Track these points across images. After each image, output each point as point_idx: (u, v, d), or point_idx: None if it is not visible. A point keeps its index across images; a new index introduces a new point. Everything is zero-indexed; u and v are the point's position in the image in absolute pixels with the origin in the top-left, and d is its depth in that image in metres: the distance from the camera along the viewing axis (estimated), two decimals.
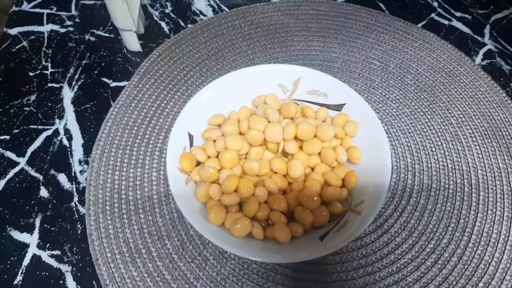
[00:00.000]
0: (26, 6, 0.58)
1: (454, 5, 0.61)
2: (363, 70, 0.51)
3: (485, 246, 0.39)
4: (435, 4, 0.61)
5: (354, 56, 0.53)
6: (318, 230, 0.35)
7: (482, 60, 0.54)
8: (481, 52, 0.55)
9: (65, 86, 0.49)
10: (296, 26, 0.56)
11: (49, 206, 0.41)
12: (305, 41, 0.54)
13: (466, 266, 0.38)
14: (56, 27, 0.55)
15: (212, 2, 0.59)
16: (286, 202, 0.36)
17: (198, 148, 0.38)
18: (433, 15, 0.59)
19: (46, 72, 0.51)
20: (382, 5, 0.60)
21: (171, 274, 0.36)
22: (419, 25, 0.58)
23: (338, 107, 0.41)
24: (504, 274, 0.37)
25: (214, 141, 0.39)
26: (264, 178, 0.37)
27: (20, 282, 0.36)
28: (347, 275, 0.37)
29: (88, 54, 0.52)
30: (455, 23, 0.59)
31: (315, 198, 0.35)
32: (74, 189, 0.42)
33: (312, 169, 0.39)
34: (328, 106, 0.42)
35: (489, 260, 0.38)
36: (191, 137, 0.39)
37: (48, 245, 0.38)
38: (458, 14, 0.60)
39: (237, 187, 0.35)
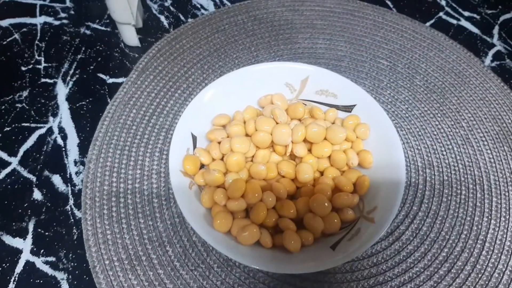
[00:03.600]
0: None
1: (462, 4, 0.59)
2: (371, 69, 0.49)
3: (499, 255, 0.37)
4: (443, 2, 0.59)
5: (361, 55, 0.51)
6: (328, 238, 0.34)
7: (492, 61, 0.53)
8: (490, 53, 0.54)
9: (59, 81, 0.47)
10: (301, 22, 0.54)
11: (43, 210, 0.38)
12: (310, 39, 0.52)
13: (480, 275, 0.36)
14: (49, 19, 0.53)
15: None
16: (295, 208, 0.34)
17: (202, 150, 0.36)
18: (441, 14, 0.58)
19: (39, 66, 0.48)
20: (389, 3, 0.58)
21: (173, 283, 0.34)
22: (427, 24, 0.56)
23: (348, 108, 0.40)
24: None
25: (219, 142, 0.37)
26: (272, 182, 0.35)
27: None
28: (358, 284, 0.35)
29: (83, 48, 0.50)
30: (464, 22, 0.57)
31: (326, 204, 0.33)
32: (70, 192, 0.40)
33: (321, 173, 0.37)
34: (337, 107, 0.40)
35: (503, 269, 0.37)
36: (194, 138, 0.37)
37: (42, 251, 0.36)
38: (466, 13, 0.58)
39: (244, 192, 0.33)
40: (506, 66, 0.52)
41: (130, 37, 0.49)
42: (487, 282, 0.36)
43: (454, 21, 0.57)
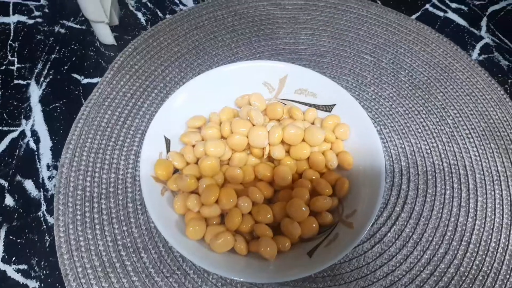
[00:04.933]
0: None
1: None
2: (354, 65, 0.48)
3: (484, 256, 0.37)
4: None
5: (344, 50, 0.49)
6: (306, 244, 0.33)
7: (479, 54, 0.51)
8: (478, 46, 0.52)
9: (33, 83, 0.45)
10: (283, 17, 0.52)
11: (15, 216, 0.37)
12: (292, 34, 0.51)
13: (463, 278, 0.35)
14: (23, 18, 0.51)
15: None
16: (272, 213, 0.33)
17: (175, 153, 0.35)
18: (427, 6, 0.56)
19: (12, 67, 0.47)
20: None
21: None
22: (413, 16, 0.55)
23: (328, 108, 0.38)
24: (503, 286, 0.35)
25: (193, 146, 0.35)
26: (248, 186, 0.34)
27: None
28: None
29: (57, 48, 0.48)
30: (451, 14, 0.56)
31: (303, 209, 0.32)
32: (42, 197, 0.38)
33: (300, 175, 0.36)
34: (317, 107, 0.39)
35: (488, 271, 0.36)
36: (167, 142, 0.36)
37: (13, 258, 0.35)
38: (453, 5, 0.57)
39: (218, 197, 0.32)
40: (494, 60, 0.51)
41: (105, 35, 0.47)
42: (471, 285, 0.35)
43: (441, 13, 0.56)
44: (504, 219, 0.38)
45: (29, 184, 0.39)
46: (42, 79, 0.46)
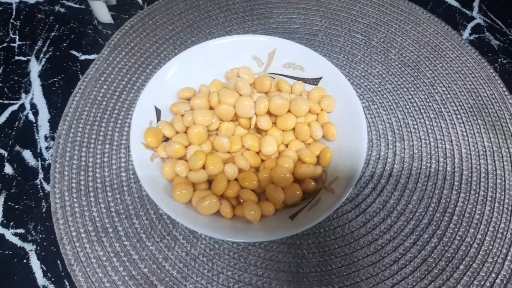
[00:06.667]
0: None
1: None
2: (345, 44, 0.49)
3: (467, 227, 0.37)
4: None
5: (336, 30, 0.50)
6: (291, 209, 0.34)
7: (470, 34, 0.52)
8: (469, 26, 0.53)
9: (33, 59, 0.47)
10: None
11: (14, 183, 0.39)
12: (285, 13, 0.52)
13: (446, 248, 0.36)
14: None
15: None
16: (258, 179, 0.34)
17: (165, 123, 0.36)
18: None
19: (14, 44, 0.48)
20: None
21: (139, 254, 0.35)
22: None
23: (315, 81, 0.39)
24: (486, 257, 0.36)
25: (182, 115, 0.37)
26: (235, 155, 0.35)
27: None
28: (323, 255, 0.36)
29: (57, 26, 0.50)
30: None
31: (287, 176, 0.33)
32: (40, 166, 0.40)
33: (287, 146, 0.37)
34: (305, 80, 0.40)
35: (471, 242, 0.37)
36: (158, 111, 0.37)
37: (12, 223, 0.37)
38: None
39: (205, 163, 0.33)
40: (485, 39, 0.51)
41: (102, 14, 0.49)
42: (453, 255, 0.36)
43: None
44: (488, 192, 0.39)
45: (27, 154, 0.41)
46: (41, 55, 0.47)
